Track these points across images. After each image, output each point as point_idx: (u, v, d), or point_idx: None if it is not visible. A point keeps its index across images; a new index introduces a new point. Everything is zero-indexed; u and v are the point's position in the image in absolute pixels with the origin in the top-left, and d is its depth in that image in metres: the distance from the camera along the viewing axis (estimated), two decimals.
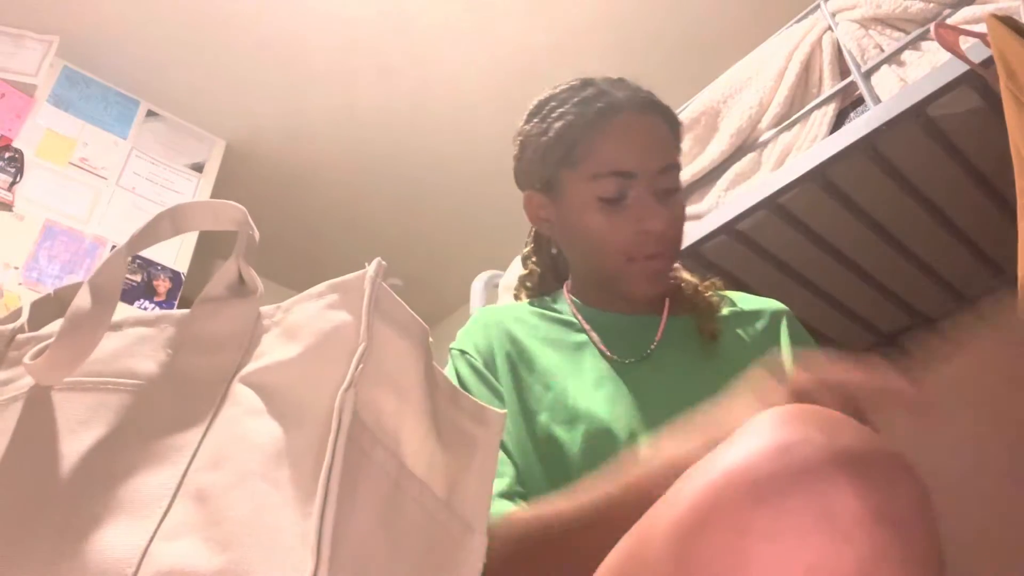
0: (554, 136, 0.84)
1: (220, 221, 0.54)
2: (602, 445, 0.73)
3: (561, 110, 0.85)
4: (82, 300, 0.46)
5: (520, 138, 0.91)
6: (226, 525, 0.39)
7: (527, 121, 0.90)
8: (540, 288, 1.00)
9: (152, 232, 0.52)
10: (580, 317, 0.88)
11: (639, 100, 0.84)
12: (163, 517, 0.40)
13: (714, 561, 0.36)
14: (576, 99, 0.85)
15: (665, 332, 0.85)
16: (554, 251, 1.00)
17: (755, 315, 0.89)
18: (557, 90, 0.89)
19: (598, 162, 0.81)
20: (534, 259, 1.02)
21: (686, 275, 0.92)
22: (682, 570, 0.37)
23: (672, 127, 0.87)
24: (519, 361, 0.82)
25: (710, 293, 0.90)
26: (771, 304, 0.91)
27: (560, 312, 0.90)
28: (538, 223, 0.91)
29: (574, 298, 0.91)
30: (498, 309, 0.91)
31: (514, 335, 0.85)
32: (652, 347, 0.83)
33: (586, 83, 0.87)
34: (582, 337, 0.86)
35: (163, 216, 0.53)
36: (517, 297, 1.01)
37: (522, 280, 1.02)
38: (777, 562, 0.34)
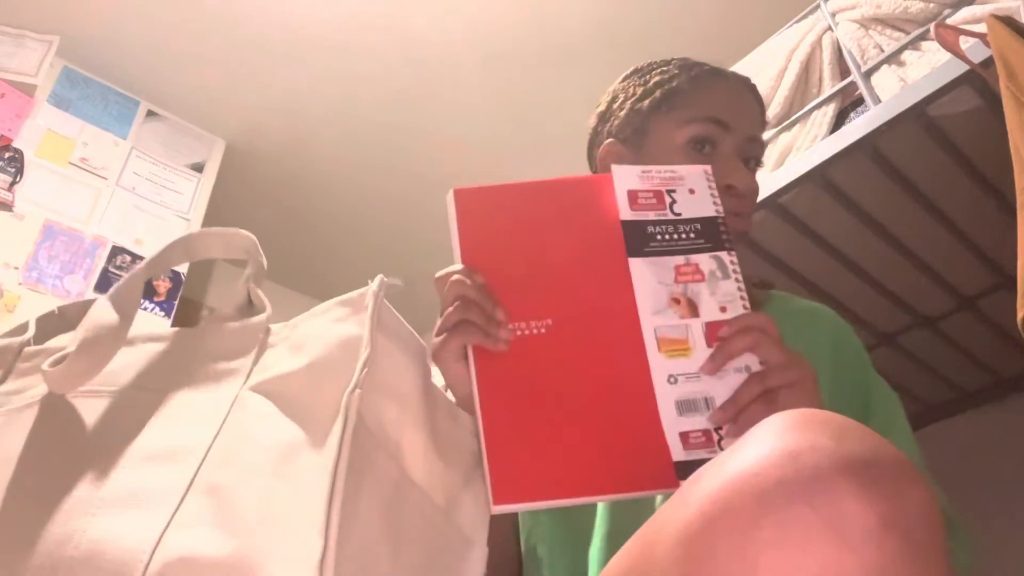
0: (653, 86, 0.85)
1: (231, 249, 0.57)
2: None
3: (664, 68, 0.87)
4: (104, 314, 0.49)
5: (611, 94, 0.91)
6: (237, 514, 0.40)
7: (622, 80, 0.91)
8: None
9: (167, 258, 0.56)
10: None
11: (742, 77, 0.88)
12: (176, 509, 0.41)
13: (721, 568, 0.36)
14: (680, 63, 0.87)
15: None
16: None
17: (806, 317, 0.84)
18: (657, 59, 0.90)
19: (697, 107, 0.82)
20: None
21: None
22: None
23: (762, 107, 0.88)
24: None
25: (757, 287, 0.88)
26: (821, 308, 0.87)
27: None
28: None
29: None
30: None
31: None
32: None
33: (687, 59, 0.90)
34: None
35: (177, 244, 0.56)
36: None
37: None
38: (784, 570, 0.34)
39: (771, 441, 0.38)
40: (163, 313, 2.37)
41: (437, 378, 0.54)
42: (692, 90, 0.83)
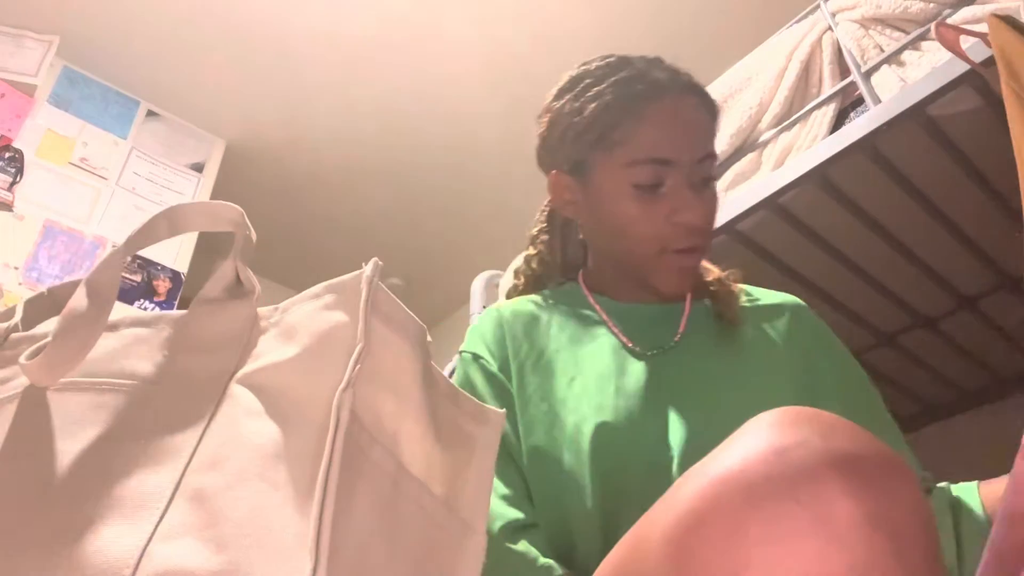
0: (589, 117, 0.81)
1: (217, 222, 0.54)
2: (619, 440, 0.72)
3: (597, 89, 0.81)
4: (79, 300, 0.46)
5: (549, 115, 0.87)
6: (224, 526, 0.39)
7: (557, 97, 0.86)
8: (543, 271, 0.95)
9: (149, 232, 0.52)
10: (599, 308, 0.85)
11: (680, 84, 0.81)
12: (161, 518, 0.40)
13: (710, 565, 0.36)
14: (613, 79, 0.81)
15: (689, 322, 0.84)
16: (580, 236, 0.93)
17: (776, 309, 0.87)
18: (592, 67, 0.85)
19: (636, 148, 0.78)
20: (544, 238, 0.96)
21: (705, 263, 0.90)
22: (679, 573, 0.38)
23: (711, 113, 0.83)
24: (534, 364, 0.80)
25: (730, 279, 0.89)
26: (789, 299, 0.90)
27: (574, 304, 0.87)
28: (563, 205, 0.87)
29: (591, 288, 0.88)
30: (510, 306, 0.87)
31: (530, 334, 0.82)
32: (676, 338, 0.82)
33: (623, 62, 0.84)
34: (601, 329, 0.83)
35: (160, 217, 0.53)
36: (518, 278, 0.96)
37: (527, 260, 0.96)
38: (772, 566, 0.34)
39: (759, 438, 0.38)
40: None
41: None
42: (630, 123, 0.78)
